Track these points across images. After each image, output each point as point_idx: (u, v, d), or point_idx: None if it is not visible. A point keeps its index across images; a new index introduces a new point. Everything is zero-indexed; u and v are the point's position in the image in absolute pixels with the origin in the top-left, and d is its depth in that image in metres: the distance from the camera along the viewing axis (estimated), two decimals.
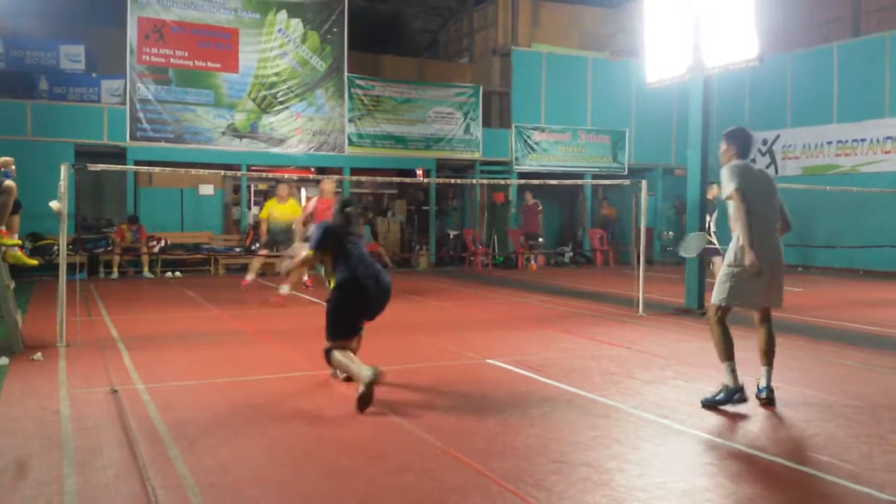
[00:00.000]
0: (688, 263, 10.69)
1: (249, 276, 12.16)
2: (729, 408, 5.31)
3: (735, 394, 5.28)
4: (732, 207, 5.31)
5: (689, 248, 9.66)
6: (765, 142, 19.65)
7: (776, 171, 19.22)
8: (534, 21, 20.91)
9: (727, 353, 5.35)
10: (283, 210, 12.08)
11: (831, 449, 4.41)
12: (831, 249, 17.36)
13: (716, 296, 5.42)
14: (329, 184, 11.18)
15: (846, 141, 17.72)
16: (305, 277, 12.61)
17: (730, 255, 5.39)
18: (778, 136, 19.34)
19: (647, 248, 11.76)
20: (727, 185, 5.30)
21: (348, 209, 6.11)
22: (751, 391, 5.42)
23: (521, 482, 3.83)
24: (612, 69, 20.21)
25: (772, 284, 5.37)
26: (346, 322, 5.73)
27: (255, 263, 12.40)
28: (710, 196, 20.49)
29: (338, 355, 5.54)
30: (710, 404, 5.32)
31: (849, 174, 17.45)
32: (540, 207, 18.36)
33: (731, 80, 17.86)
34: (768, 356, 5.49)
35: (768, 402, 5.42)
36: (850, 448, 4.44)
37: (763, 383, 5.48)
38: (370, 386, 5.11)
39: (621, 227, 20.69)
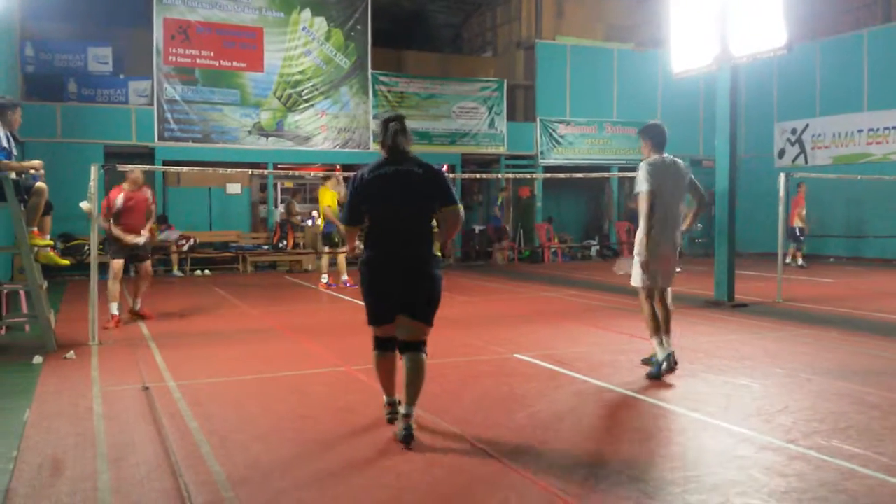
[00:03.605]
0: (717, 255, 10.56)
1: (344, 276, 12.74)
2: (759, 399, 5.27)
3: (663, 363, 6.02)
4: (642, 203, 6.00)
5: (621, 268, 9.71)
6: (794, 131, 19.40)
7: (805, 161, 18.97)
8: (558, 13, 20.79)
9: (655, 329, 6.14)
10: (336, 197, 12.60)
11: (866, 441, 4.34)
12: (863, 239, 17.11)
13: (640, 280, 6.18)
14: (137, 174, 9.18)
15: (877, 129, 17.44)
16: (345, 276, 12.78)
17: (641, 245, 6.09)
18: (807, 126, 19.08)
19: None
20: (641, 185, 6.00)
21: (392, 124, 4.55)
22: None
23: (551, 476, 3.81)
24: (638, 60, 20.05)
25: (670, 267, 6.21)
26: (368, 306, 4.59)
27: (342, 261, 12.89)
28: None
29: (374, 359, 4.66)
30: (654, 376, 5.97)
31: (880, 163, 17.18)
32: None
33: (758, 69, 17.63)
34: (667, 325, 6.17)
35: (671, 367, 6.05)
36: (885, 440, 4.37)
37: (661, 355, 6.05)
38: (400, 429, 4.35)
39: None
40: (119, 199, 8.90)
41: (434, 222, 4.62)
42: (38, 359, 6.69)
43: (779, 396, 5.41)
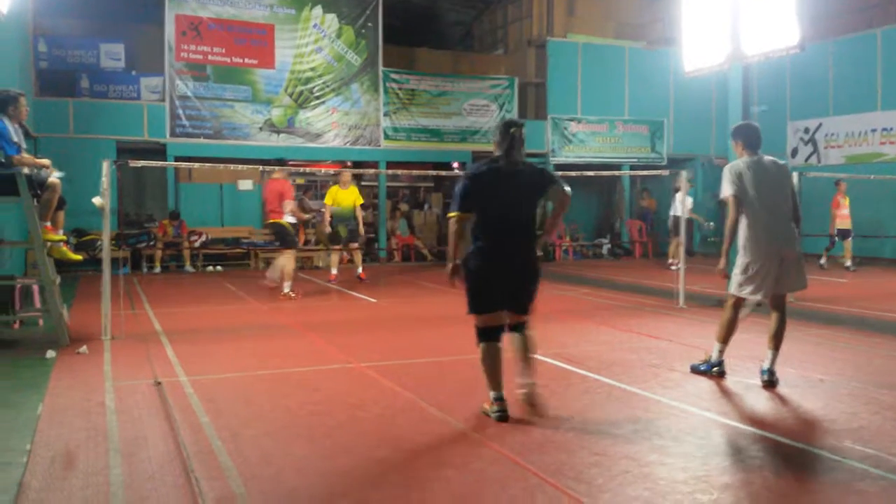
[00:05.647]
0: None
1: (334, 270, 12.87)
2: (771, 399, 5.25)
3: (715, 366, 5.98)
4: (729, 207, 5.74)
5: None
6: (807, 130, 19.28)
7: (818, 161, 18.88)
8: (569, 11, 20.74)
9: (724, 337, 5.94)
10: (345, 196, 12.60)
11: (878, 442, 4.32)
12: (876, 239, 17.00)
13: (732, 287, 5.88)
14: None
15: (891, 128, 17.31)
16: (360, 270, 12.91)
17: (739, 251, 5.79)
18: (820, 125, 18.96)
19: (687, 239, 11.59)
20: (724, 189, 5.76)
21: (513, 130, 4.83)
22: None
23: (561, 475, 3.81)
24: (650, 59, 19.98)
25: (784, 272, 5.65)
26: (475, 295, 4.93)
27: (335, 258, 13.04)
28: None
29: (482, 350, 4.91)
30: (696, 371, 6.08)
31: (894, 162, 17.06)
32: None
33: (771, 67, 17.51)
34: (775, 340, 5.72)
35: (769, 384, 5.63)
36: None
37: (766, 366, 5.72)
38: (498, 408, 4.74)
39: (660, 218, 20.49)
40: None
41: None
42: (50, 353, 6.72)
43: (791, 396, 5.38)
